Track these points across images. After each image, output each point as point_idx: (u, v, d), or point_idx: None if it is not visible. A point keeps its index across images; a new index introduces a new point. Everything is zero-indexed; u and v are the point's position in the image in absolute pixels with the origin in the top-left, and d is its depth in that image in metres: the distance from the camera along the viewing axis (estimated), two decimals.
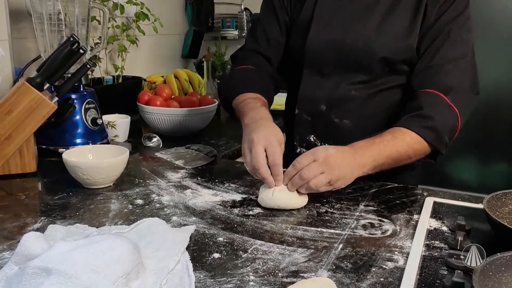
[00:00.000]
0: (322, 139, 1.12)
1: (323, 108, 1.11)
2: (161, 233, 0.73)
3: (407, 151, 0.94)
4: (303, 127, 1.14)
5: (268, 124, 0.94)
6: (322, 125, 1.11)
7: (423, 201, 0.94)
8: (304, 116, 1.13)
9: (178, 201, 0.91)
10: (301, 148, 1.15)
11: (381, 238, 0.77)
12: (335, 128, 1.10)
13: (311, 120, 1.13)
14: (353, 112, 1.09)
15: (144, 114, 1.49)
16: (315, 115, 1.12)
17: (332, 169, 0.86)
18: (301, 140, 1.15)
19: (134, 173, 1.07)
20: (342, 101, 1.09)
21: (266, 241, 0.75)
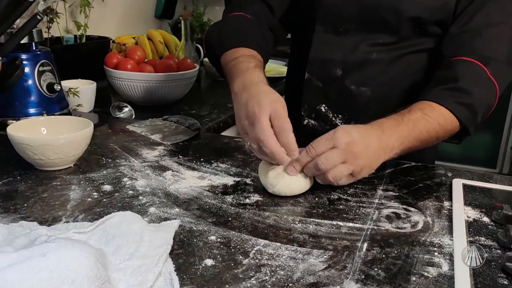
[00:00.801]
0: (335, 109, 0.95)
1: (338, 73, 0.93)
2: (135, 233, 0.56)
3: (437, 132, 0.79)
4: (312, 94, 0.96)
5: (267, 90, 0.76)
6: (335, 92, 0.94)
7: (449, 183, 0.79)
8: (315, 82, 0.96)
9: (156, 186, 0.74)
10: (309, 119, 0.98)
11: (412, 233, 0.62)
12: (351, 96, 0.93)
13: (322, 86, 0.95)
14: (373, 78, 0.92)
15: (112, 80, 1.28)
16: (328, 81, 0.94)
17: (356, 158, 0.70)
18: (309, 110, 0.97)
19: (101, 151, 0.88)
20: (360, 65, 0.92)
21: (271, 240, 0.59)
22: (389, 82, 0.92)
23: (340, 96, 0.94)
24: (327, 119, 0.96)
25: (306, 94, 0.97)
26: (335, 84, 0.94)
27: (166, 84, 1.27)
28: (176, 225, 0.61)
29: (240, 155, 0.88)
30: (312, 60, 0.95)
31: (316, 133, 0.97)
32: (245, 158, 0.87)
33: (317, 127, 0.97)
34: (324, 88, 0.95)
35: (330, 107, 0.96)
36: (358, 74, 0.92)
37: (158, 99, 1.30)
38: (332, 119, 0.96)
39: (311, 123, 0.97)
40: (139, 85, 1.25)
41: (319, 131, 0.97)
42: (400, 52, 0.91)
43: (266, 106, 0.70)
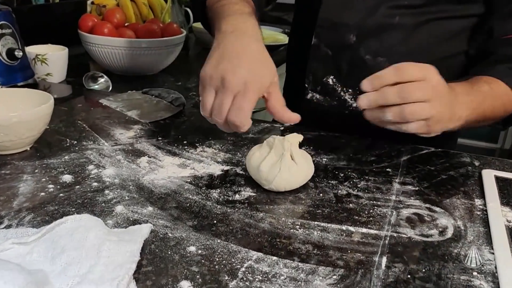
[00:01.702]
0: (345, 82, 0.82)
1: (352, 39, 0.79)
2: (91, 246, 0.43)
3: (500, 111, 0.68)
4: (319, 63, 0.82)
5: (266, 56, 0.62)
6: (346, 62, 0.80)
7: (478, 174, 0.67)
8: (323, 49, 0.81)
9: (128, 176, 0.61)
10: (313, 93, 0.84)
11: (442, 243, 0.50)
12: (365, 68, 0.79)
13: (332, 55, 0.81)
14: (392, 47, 0.78)
15: (87, 46, 1.13)
16: (339, 48, 0.80)
17: (441, 104, 0.58)
18: (314, 82, 0.84)
19: (66, 130, 0.75)
20: (379, 31, 0.78)
21: (265, 253, 0.47)
22: (410, 52, 0.78)
23: (352, 67, 0.80)
24: (334, 93, 0.83)
25: (312, 63, 0.83)
26: (347, 52, 0.80)
27: (148, 52, 1.12)
28: (146, 231, 0.48)
29: (231, 136, 0.75)
30: (321, 23, 0.80)
31: (320, 109, 0.84)
32: (236, 140, 0.74)
33: (321, 102, 0.84)
34: (333, 56, 0.81)
35: (339, 80, 0.82)
36: (376, 41, 0.78)
37: (140, 69, 1.15)
38: (341, 93, 0.82)
39: (315, 97, 0.84)
40: (117, 52, 1.10)
41: (323, 107, 0.84)
42: (426, 18, 0.77)
43: (260, 81, 0.57)
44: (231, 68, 0.58)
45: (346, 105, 0.82)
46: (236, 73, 0.58)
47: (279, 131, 0.79)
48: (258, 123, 0.81)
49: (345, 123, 0.81)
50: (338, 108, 0.82)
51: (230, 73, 0.58)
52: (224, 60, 0.59)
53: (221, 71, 0.58)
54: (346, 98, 0.82)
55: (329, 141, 0.75)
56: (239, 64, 0.58)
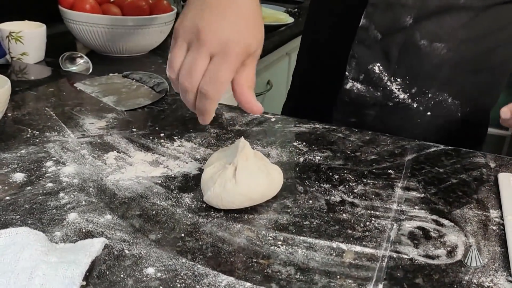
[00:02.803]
0: (393, 71, 0.72)
1: (408, 22, 0.69)
2: (22, 269, 0.35)
3: None
4: (366, 49, 0.72)
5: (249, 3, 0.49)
6: (398, 48, 0.70)
7: (493, 178, 0.58)
8: (372, 32, 0.71)
9: (89, 176, 0.53)
10: (354, 82, 0.74)
11: (450, 267, 0.42)
12: (419, 54, 0.70)
13: (382, 39, 0.71)
14: (453, 31, 0.68)
15: (68, 23, 1.04)
16: (391, 32, 0.70)
17: None
18: (357, 70, 0.73)
19: (30, 118, 0.67)
20: (441, 12, 0.68)
21: (238, 277, 0.39)
22: (471, 38, 0.69)
23: (404, 54, 0.70)
24: (379, 83, 0.73)
25: (358, 47, 0.72)
26: (400, 36, 0.70)
27: (134, 31, 1.03)
28: (98, 247, 0.41)
29: (214, 128, 0.67)
30: (374, 1, 0.70)
31: (359, 101, 0.74)
32: (220, 133, 0.66)
33: (363, 92, 0.74)
34: (383, 41, 0.71)
35: (387, 68, 0.72)
36: (435, 24, 0.68)
37: (126, 49, 1.06)
38: (387, 83, 0.72)
39: (356, 87, 0.74)
40: (100, 30, 1.01)
41: (365, 98, 0.74)
42: (494, 1, 0.67)
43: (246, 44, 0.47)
44: (212, 21, 0.47)
45: (391, 97, 0.73)
46: (217, 28, 0.47)
47: (270, 122, 0.70)
48: (247, 113, 0.73)
49: (388, 116, 0.73)
50: (381, 100, 0.73)
51: (209, 26, 0.47)
52: (205, 11, 0.48)
53: (198, 22, 0.47)
54: (392, 88, 0.72)
55: (325, 136, 0.67)
56: (223, 18, 0.47)
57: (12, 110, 0.68)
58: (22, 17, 1.00)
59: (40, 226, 0.44)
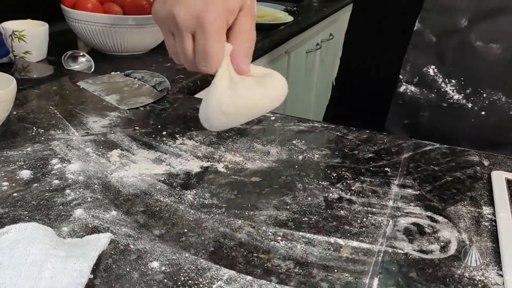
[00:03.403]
0: (448, 73, 0.73)
1: (463, 24, 0.70)
2: (33, 263, 0.37)
3: None
4: (421, 52, 0.73)
5: None
6: (453, 50, 0.71)
7: (486, 177, 0.60)
8: (427, 35, 0.72)
9: (94, 173, 0.55)
10: (407, 85, 0.75)
11: (443, 261, 0.44)
12: (474, 55, 0.71)
13: (436, 41, 0.72)
14: (509, 31, 0.69)
15: (70, 22, 1.06)
16: (446, 34, 0.71)
17: None
18: (412, 73, 0.74)
19: (34, 116, 0.68)
20: (496, 14, 0.69)
21: (239, 271, 0.41)
22: None
23: (459, 55, 0.71)
24: (433, 85, 0.74)
25: (412, 51, 0.73)
26: (455, 38, 0.71)
27: (135, 29, 1.04)
28: (104, 242, 0.42)
29: None
30: (429, 6, 0.71)
31: (414, 103, 0.75)
32: (221, 131, 0.67)
33: (417, 95, 0.75)
34: (438, 43, 0.72)
35: (442, 70, 0.73)
36: (490, 25, 0.69)
37: (127, 48, 1.08)
38: (442, 85, 0.74)
39: (409, 90, 0.75)
40: (102, 29, 1.02)
41: (419, 100, 0.75)
42: None
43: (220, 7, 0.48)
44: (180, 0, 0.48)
45: (445, 98, 0.74)
46: (187, 4, 0.47)
47: (270, 121, 0.72)
48: None
49: (442, 117, 0.75)
50: (435, 101, 0.75)
51: (177, 6, 0.47)
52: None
53: (168, 6, 0.48)
54: (447, 89, 0.73)
55: (324, 134, 0.69)
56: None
57: (16, 108, 0.70)
58: (23, 15, 1.01)
59: (47, 221, 0.45)
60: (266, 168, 0.58)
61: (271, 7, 1.65)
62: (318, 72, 2.15)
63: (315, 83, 2.16)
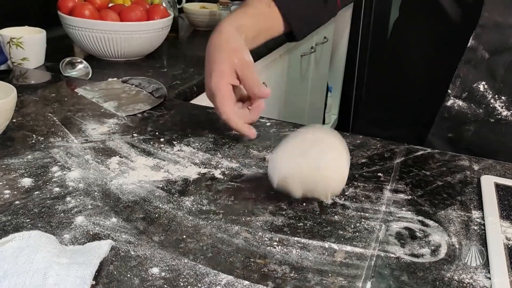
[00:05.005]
0: (498, 89, 0.74)
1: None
2: (36, 271, 0.38)
3: None
4: (472, 68, 0.74)
5: (212, 46, 0.71)
6: (504, 67, 0.73)
7: (476, 181, 0.62)
8: (480, 52, 0.73)
9: (94, 180, 0.56)
10: (455, 99, 0.76)
11: (433, 265, 0.45)
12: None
13: (488, 58, 0.73)
14: None
15: (68, 28, 1.07)
16: (498, 51, 0.72)
17: None
18: (461, 88, 0.75)
19: (34, 124, 0.69)
20: None
21: (237, 276, 0.42)
22: None
23: (510, 72, 0.73)
24: (483, 101, 0.75)
25: (463, 67, 0.74)
26: (508, 55, 0.72)
27: (132, 36, 1.05)
28: (105, 249, 0.43)
29: (212, 133, 0.70)
30: (484, 22, 0.71)
31: (460, 117, 0.77)
32: (217, 138, 0.69)
33: (465, 109, 0.76)
34: (490, 60, 0.73)
35: (492, 86, 0.74)
36: None
37: (123, 54, 1.09)
38: (491, 101, 0.75)
39: (457, 104, 0.76)
40: (99, 36, 1.04)
41: (466, 115, 0.76)
42: None
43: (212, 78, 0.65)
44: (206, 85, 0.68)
45: (494, 113, 0.75)
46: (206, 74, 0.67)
47: (266, 127, 0.73)
48: None
49: (487, 132, 0.76)
50: (482, 117, 0.76)
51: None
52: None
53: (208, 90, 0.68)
54: (496, 106, 0.75)
55: None
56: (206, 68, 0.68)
57: (15, 116, 0.71)
58: (21, 22, 1.02)
59: (49, 229, 0.46)
60: (262, 174, 0.59)
61: None
62: (312, 75, 2.17)
63: (310, 86, 2.18)
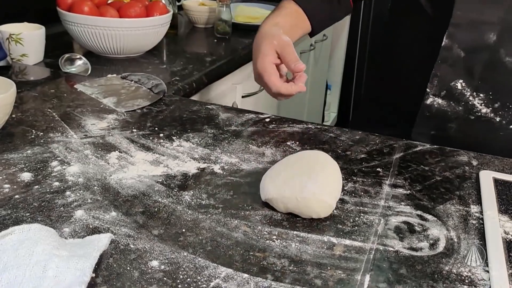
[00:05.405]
0: (476, 87, 0.75)
1: (491, 39, 0.71)
2: (37, 263, 0.38)
3: None
4: (448, 67, 0.75)
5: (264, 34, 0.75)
6: (481, 65, 0.73)
7: (475, 176, 0.62)
8: (455, 51, 0.74)
9: (93, 175, 0.56)
10: (435, 98, 0.77)
11: (432, 258, 0.46)
12: (503, 71, 0.72)
13: (464, 57, 0.74)
14: None
15: (67, 24, 1.07)
16: (474, 50, 0.73)
17: None
18: (440, 87, 0.76)
19: (33, 119, 0.69)
20: None
21: (236, 269, 0.42)
22: None
23: (488, 70, 0.73)
24: (461, 99, 0.76)
25: (440, 66, 0.75)
26: (484, 54, 0.73)
27: (131, 32, 1.05)
28: (105, 242, 0.44)
29: (211, 129, 0.70)
30: (457, 21, 0.72)
31: (441, 115, 0.77)
32: (217, 133, 0.69)
33: (444, 107, 0.77)
34: (466, 58, 0.74)
35: (470, 84, 0.75)
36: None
37: (123, 50, 1.09)
38: (469, 98, 0.75)
39: (436, 102, 0.77)
40: (98, 32, 1.03)
41: (446, 113, 0.77)
42: None
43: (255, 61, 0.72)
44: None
45: (473, 110, 0.76)
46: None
47: (265, 123, 0.73)
48: (242, 114, 0.76)
49: (469, 129, 0.77)
50: (462, 114, 0.77)
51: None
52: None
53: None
54: (475, 103, 0.75)
55: (317, 135, 0.70)
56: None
57: (15, 111, 0.71)
58: (20, 19, 1.02)
59: (49, 222, 0.47)
60: (262, 169, 0.59)
61: (266, 9, 1.66)
62: (312, 72, 2.17)
63: (309, 83, 2.18)
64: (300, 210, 0.50)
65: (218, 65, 1.09)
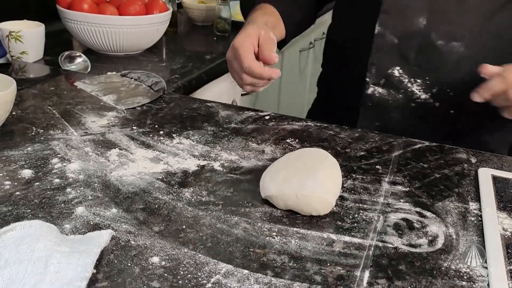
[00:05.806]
0: (413, 73, 0.75)
1: (422, 23, 0.72)
2: (38, 259, 0.38)
3: None
4: (384, 54, 0.75)
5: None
6: (415, 50, 0.74)
7: (474, 173, 0.62)
8: (388, 37, 0.74)
9: (94, 172, 0.56)
10: (375, 87, 0.77)
11: (431, 254, 0.46)
12: (437, 55, 0.73)
13: (398, 43, 0.74)
14: (469, 29, 0.71)
15: (66, 22, 1.07)
16: (406, 35, 0.74)
17: None
18: (378, 75, 0.77)
19: (33, 116, 0.69)
20: (454, 11, 0.71)
21: (236, 265, 0.42)
22: (489, 36, 0.71)
23: (422, 55, 0.73)
24: (400, 86, 0.76)
25: (376, 54, 0.75)
26: (416, 39, 0.73)
27: (130, 30, 1.05)
28: (106, 238, 0.44)
29: (211, 126, 0.70)
30: (386, 8, 0.73)
31: (382, 104, 0.78)
32: (216, 131, 0.69)
33: (385, 96, 0.78)
34: (400, 45, 0.74)
35: (406, 70, 0.75)
36: (450, 24, 0.71)
37: (122, 48, 1.09)
38: (408, 85, 0.76)
39: (377, 91, 0.77)
40: (97, 30, 1.03)
41: (387, 101, 0.78)
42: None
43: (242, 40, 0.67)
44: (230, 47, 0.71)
45: (413, 97, 0.76)
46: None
47: (264, 120, 0.74)
48: (242, 111, 0.76)
49: (412, 117, 0.77)
50: (403, 102, 0.77)
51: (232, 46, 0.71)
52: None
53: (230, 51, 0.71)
54: (413, 89, 0.76)
55: (317, 133, 0.71)
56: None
57: (15, 108, 0.71)
58: (20, 16, 1.02)
59: (50, 219, 0.47)
60: (261, 166, 0.60)
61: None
62: (311, 70, 2.17)
63: (309, 81, 2.18)
64: (300, 207, 0.50)
65: (217, 63, 1.10)
